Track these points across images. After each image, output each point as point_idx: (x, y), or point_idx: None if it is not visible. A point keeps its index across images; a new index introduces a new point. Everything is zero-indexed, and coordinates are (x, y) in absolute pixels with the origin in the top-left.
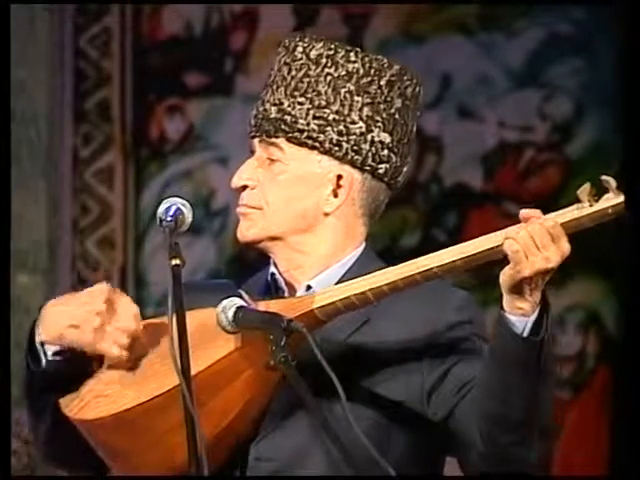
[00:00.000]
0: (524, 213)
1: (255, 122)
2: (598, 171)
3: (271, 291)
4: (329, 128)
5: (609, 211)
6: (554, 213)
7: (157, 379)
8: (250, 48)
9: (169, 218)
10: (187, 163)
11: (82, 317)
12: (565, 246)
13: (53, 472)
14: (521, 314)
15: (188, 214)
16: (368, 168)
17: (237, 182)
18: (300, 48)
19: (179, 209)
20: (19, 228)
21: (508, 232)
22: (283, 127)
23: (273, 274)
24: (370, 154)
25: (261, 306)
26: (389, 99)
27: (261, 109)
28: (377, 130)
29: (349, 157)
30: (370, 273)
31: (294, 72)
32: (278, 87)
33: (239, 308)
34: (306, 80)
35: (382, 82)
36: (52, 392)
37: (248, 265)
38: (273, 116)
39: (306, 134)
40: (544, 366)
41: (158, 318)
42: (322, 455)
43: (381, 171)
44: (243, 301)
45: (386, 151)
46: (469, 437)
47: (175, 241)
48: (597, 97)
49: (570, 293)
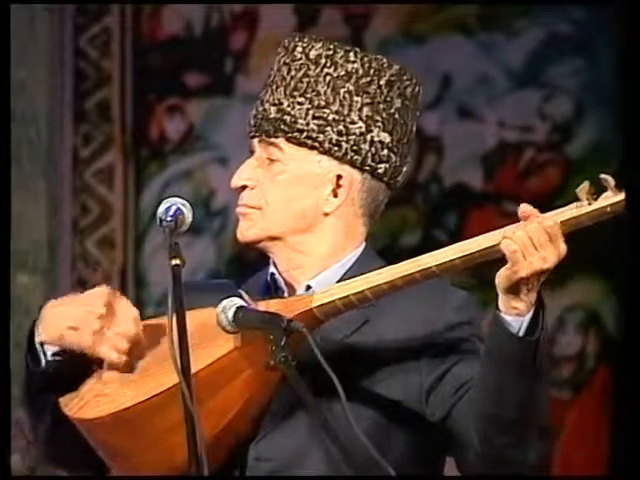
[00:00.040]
0: (523, 210)
1: (254, 122)
2: (598, 171)
3: (271, 291)
4: (328, 128)
5: (608, 209)
6: (553, 212)
7: (157, 378)
8: (250, 48)
9: (169, 218)
10: (187, 163)
11: (82, 319)
12: (562, 246)
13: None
14: (517, 314)
15: (188, 214)
16: (368, 168)
17: (237, 182)
18: (299, 48)
19: (179, 209)
20: (19, 228)
21: (506, 231)
22: (282, 127)
23: (273, 274)
24: (370, 154)
25: (261, 306)
26: (389, 99)
27: (260, 109)
28: (377, 130)
29: (349, 157)
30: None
31: (293, 72)
32: (277, 87)
33: (239, 308)
34: (305, 80)
35: (381, 82)
36: (51, 392)
37: (248, 265)
38: (272, 116)
39: (305, 134)
40: (539, 366)
41: (158, 318)
42: (321, 455)
43: (381, 171)
44: (243, 301)
45: (386, 151)
46: (466, 438)
47: (175, 241)
48: (597, 97)
49: (570, 293)
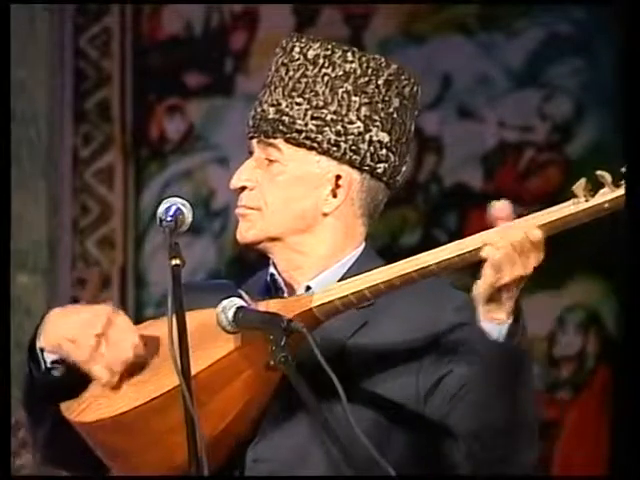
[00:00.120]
0: (494, 210)
1: (253, 123)
2: (598, 171)
3: (271, 292)
4: (327, 128)
5: (605, 206)
6: (550, 209)
7: (157, 380)
8: (250, 48)
9: (169, 218)
10: (187, 163)
11: (80, 334)
12: (542, 252)
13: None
14: (497, 323)
15: (188, 214)
16: (367, 168)
17: (236, 183)
18: (297, 49)
19: (179, 209)
20: (19, 228)
21: (489, 238)
22: (281, 128)
23: (273, 275)
24: (368, 154)
25: (261, 306)
26: (387, 99)
27: (259, 110)
28: (375, 130)
29: (347, 157)
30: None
31: (291, 73)
32: (276, 88)
33: (239, 308)
34: (304, 80)
35: (380, 82)
36: (52, 400)
37: (248, 265)
38: (271, 117)
39: (304, 134)
40: (522, 377)
41: (158, 319)
42: (320, 456)
43: (380, 171)
44: (243, 301)
45: (384, 150)
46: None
47: (175, 241)
48: (597, 97)
49: (570, 293)
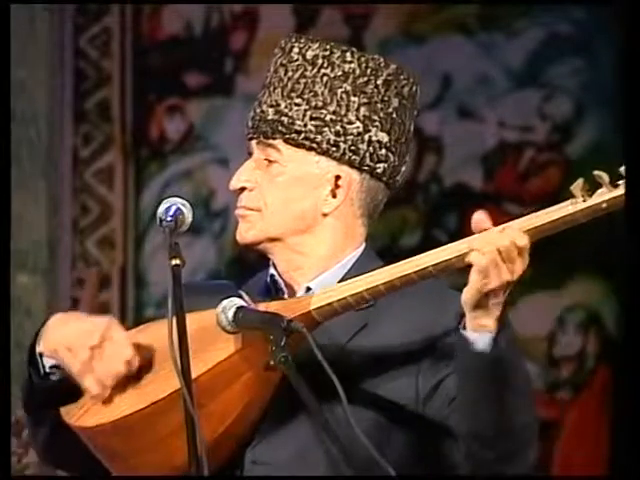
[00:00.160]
0: (476, 220)
1: (252, 124)
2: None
3: (271, 292)
4: (326, 129)
5: (603, 206)
6: (548, 209)
7: (157, 384)
8: (250, 48)
9: (169, 218)
10: (187, 163)
11: (76, 343)
12: (527, 258)
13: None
14: (486, 331)
15: (188, 214)
16: (366, 168)
17: (235, 184)
18: (296, 49)
19: (179, 209)
20: (19, 228)
21: (475, 244)
22: (280, 128)
23: (273, 275)
24: (368, 154)
25: (260, 307)
26: (386, 99)
27: (258, 111)
28: (374, 130)
29: (347, 157)
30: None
31: (290, 73)
32: (275, 88)
33: (239, 308)
34: (302, 81)
35: (379, 82)
36: (51, 405)
37: (248, 266)
38: (270, 117)
39: (303, 135)
40: (512, 380)
41: (157, 321)
42: (320, 458)
43: (379, 171)
44: (243, 302)
45: (384, 150)
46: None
47: (175, 241)
48: (597, 97)
49: (570, 293)
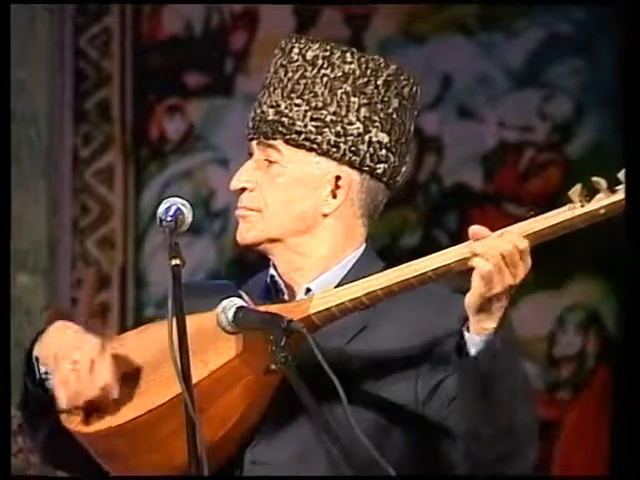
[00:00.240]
0: (474, 232)
1: (253, 124)
2: (598, 171)
3: (271, 293)
4: (326, 129)
5: (601, 211)
6: (547, 214)
7: (158, 387)
8: (250, 48)
9: (169, 218)
10: (187, 163)
11: (62, 355)
12: (529, 261)
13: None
14: (486, 334)
15: (188, 214)
16: (366, 168)
17: (235, 184)
18: (296, 50)
19: (179, 209)
20: (19, 228)
21: (477, 249)
22: (280, 129)
23: (273, 276)
24: (368, 154)
25: (260, 309)
26: (386, 99)
27: (258, 111)
28: (375, 130)
29: (347, 158)
30: (370, 275)
31: (290, 74)
32: (275, 89)
33: (239, 308)
34: (303, 82)
35: (379, 82)
36: (46, 413)
37: (248, 266)
38: (270, 118)
39: (304, 136)
40: (510, 380)
41: (158, 322)
42: (319, 458)
43: (379, 171)
44: (243, 302)
45: (384, 151)
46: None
47: (175, 241)
48: (597, 97)
49: (570, 293)
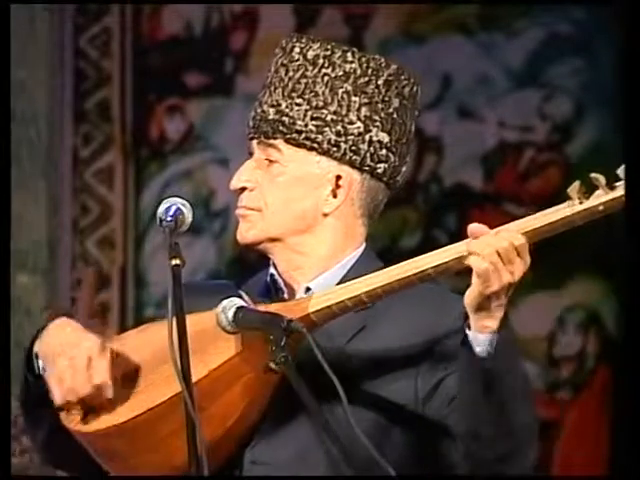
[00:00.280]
0: (472, 230)
1: (253, 123)
2: (598, 171)
3: (271, 292)
4: (327, 129)
5: (600, 208)
6: (545, 211)
7: (158, 387)
8: (250, 48)
9: (169, 218)
10: (187, 163)
11: (59, 351)
12: (528, 259)
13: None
14: (489, 332)
15: (188, 214)
16: (367, 168)
17: (236, 184)
18: (297, 49)
19: (179, 209)
20: (19, 228)
21: (474, 247)
22: (281, 128)
23: (273, 275)
24: (368, 154)
25: (259, 309)
26: (387, 99)
27: (259, 110)
28: (375, 130)
29: (348, 157)
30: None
31: (291, 73)
32: (276, 88)
33: (239, 308)
34: (303, 81)
35: (379, 82)
36: (46, 404)
37: (248, 266)
38: (271, 117)
39: (304, 135)
40: (512, 380)
41: (158, 321)
42: (319, 458)
43: (380, 171)
44: (243, 302)
45: (384, 151)
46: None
47: (175, 241)
48: (597, 97)
49: (570, 293)
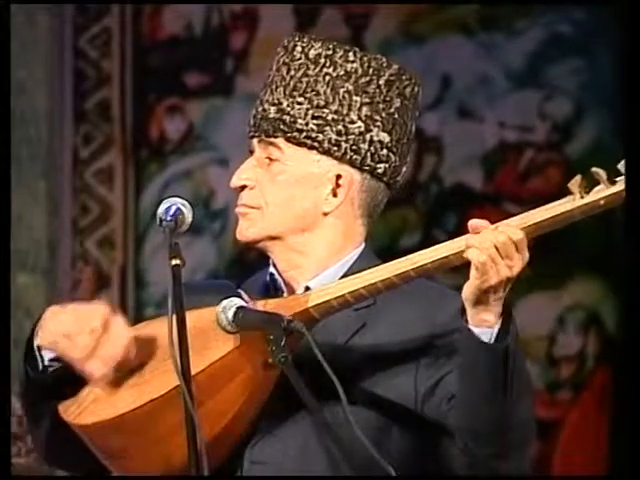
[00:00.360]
0: (473, 225)
1: (254, 122)
2: None
3: (270, 291)
4: (328, 128)
5: (600, 203)
6: (546, 206)
7: (155, 381)
8: (250, 48)
9: (169, 218)
10: (187, 163)
11: (75, 330)
12: (526, 254)
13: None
14: (487, 326)
15: (188, 214)
16: (367, 168)
17: (236, 182)
18: (299, 48)
19: (179, 209)
20: (19, 228)
21: (473, 241)
22: (282, 127)
23: (272, 274)
24: (369, 154)
25: (259, 305)
26: (388, 99)
27: (260, 109)
28: (376, 130)
29: (348, 157)
30: None
31: (293, 72)
32: (277, 87)
33: (239, 308)
34: (305, 80)
35: (381, 82)
36: (50, 398)
37: (248, 266)
38: (272, 116)
39: (305, 134)
40: (513, 376)
41: (156, 319)
42: (318, 458)
43: (380, 171)
44: (243, 301)
45: (385, 151)
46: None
47: (175, 241)
48: (597, 97)
49: (570, 293)
